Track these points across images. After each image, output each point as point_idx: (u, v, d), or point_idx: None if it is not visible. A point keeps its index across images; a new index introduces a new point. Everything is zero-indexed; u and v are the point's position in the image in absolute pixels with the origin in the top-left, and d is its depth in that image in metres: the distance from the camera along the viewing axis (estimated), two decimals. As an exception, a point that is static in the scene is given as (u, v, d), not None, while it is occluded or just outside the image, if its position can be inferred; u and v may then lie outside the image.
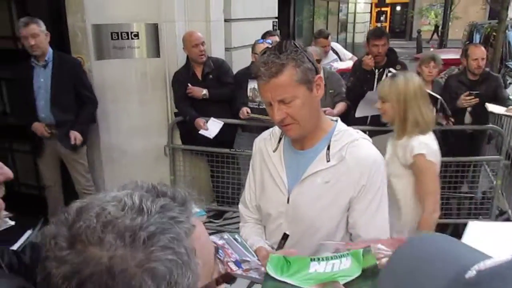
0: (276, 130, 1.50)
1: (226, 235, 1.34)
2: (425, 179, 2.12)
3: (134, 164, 3.97)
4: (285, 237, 1.35)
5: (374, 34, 3.64)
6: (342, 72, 4.65)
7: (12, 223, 1.68)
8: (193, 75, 3.71)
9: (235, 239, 1.32)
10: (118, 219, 0.53)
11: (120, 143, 3.90)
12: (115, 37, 3.62)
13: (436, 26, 21.21)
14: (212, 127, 3.64)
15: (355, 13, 13.84)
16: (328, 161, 1.36)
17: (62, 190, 3.60)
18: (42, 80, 3.26)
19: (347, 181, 1.35)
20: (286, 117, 1.29)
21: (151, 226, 0.54)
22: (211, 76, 3.74)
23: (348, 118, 3.49)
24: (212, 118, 3.65)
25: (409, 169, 2.16)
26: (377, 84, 3.52)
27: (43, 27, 3.18)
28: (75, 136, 3.30)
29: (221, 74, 3.78)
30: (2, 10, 4.04)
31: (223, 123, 3.66)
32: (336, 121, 1.45)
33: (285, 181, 1.42)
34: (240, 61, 4.39)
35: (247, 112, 3.56)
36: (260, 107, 3.55)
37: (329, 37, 4.74)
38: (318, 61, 3.58)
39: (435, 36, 21.37)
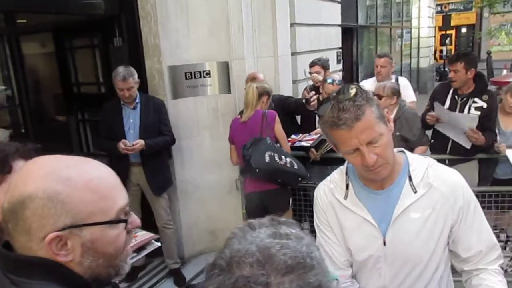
0: (334, 177, 1.44)
1: None
2: None
3: (207, 197, 4.07)
4: None
5: (449, 60, 3.50)
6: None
7: (158, 244, 1.73)
8: None
9: None
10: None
11: (194, 177, 4.02)
12: (189, 76, 3.81)
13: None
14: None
15: (418, 38, 13.52)
16: (415, 192, 1.31)
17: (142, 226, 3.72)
18: (131, 121, 3.44)
19: (444, 207, 1.30)
20: (377, 159, 1.23)
21: None
22: None
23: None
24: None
25: None
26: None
27: (136, 77, 3.37)
28: (139, 143, 3.29)
29: (284, 110, 3.69)
30: (87, 58, 4.44)
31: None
32: (403, 151, 1.40)
33: (375, 224, 1.34)
34: (307, 93, 4.42)
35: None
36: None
37: (385, 59, 4.31)
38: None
39: None
